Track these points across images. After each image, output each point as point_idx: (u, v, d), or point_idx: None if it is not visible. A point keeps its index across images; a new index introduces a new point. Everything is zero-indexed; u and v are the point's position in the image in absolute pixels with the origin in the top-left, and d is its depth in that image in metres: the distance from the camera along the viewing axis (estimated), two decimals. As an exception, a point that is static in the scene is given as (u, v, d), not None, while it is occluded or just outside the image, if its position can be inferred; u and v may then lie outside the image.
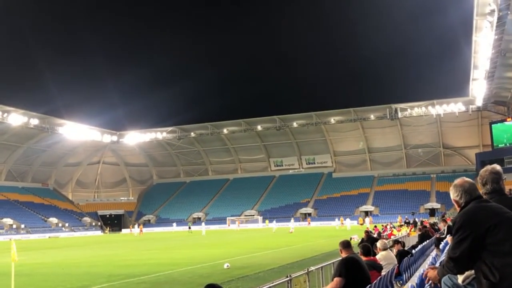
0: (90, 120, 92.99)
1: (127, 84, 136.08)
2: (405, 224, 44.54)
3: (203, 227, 64.44)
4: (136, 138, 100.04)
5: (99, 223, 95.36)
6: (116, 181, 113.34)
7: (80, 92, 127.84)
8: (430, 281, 4.35)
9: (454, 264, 3.71)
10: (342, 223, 66.23)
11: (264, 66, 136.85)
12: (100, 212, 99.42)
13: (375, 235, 23.86)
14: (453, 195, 4.01)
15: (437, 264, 5.35)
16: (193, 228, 76.11)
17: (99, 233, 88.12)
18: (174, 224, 78.22)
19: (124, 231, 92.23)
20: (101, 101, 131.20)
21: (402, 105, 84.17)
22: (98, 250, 38.81)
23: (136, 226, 70.92)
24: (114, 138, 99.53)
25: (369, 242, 12.15)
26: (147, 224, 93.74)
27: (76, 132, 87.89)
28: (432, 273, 4.20)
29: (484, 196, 4.04)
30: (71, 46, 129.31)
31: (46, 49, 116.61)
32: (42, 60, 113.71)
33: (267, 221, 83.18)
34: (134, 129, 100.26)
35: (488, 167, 4.18)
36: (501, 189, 4.08)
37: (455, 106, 78.51)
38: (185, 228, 78.87)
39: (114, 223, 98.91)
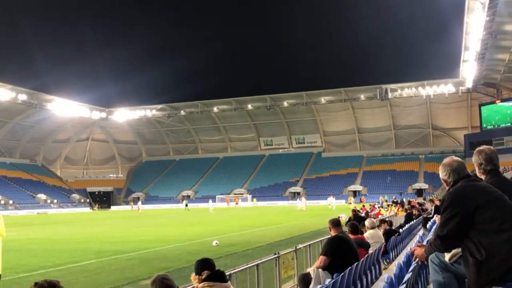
0: (78, 97, 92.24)
1: (117, 61, 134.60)
2: (393, 204, 44.99)
3: (210, 205, 64.42)
4: (125, 115, 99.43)
5: (88, 200, 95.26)
6: (105, 158, 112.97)
7: (69, 68, 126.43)
8: (417, 259, 4.39)
9: (442, 242, 3.74)
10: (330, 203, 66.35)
11: (255, 45, 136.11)
12: (89, 189, 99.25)
13: (362, 215, 24.09)
14: (441, 174, 4.02)
15: (424, 243, 5.40)
16: (202, 206, 76.03)
17: (87, 209, 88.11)
18: (185, 201, 77.82)
19: (113, 207, 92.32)
20: (90, 77, 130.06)
21: (393, 86, 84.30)
22: (87, 226, 38.83)
23: (139, 202, 70.80)
24: (103, 115, 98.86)
25: (356, 221, 12.25)
26: (136, 201, 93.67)
27: (65, 108, 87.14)
28: (419, 251, 4.24)
29: (482, 175, 4.09)
30: (61, 21, 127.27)
31: (35, 24, 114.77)
32: (31, 35, 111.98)
33: (255, 199, 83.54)
34: (123, 106, 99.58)
35: (488, 146, 4.23)
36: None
37: (445, 87, 78.83)
38: (204, 205, 79.21)
39: (103, 200, 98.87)
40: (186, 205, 72.61)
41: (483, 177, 4.10)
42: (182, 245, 22.19)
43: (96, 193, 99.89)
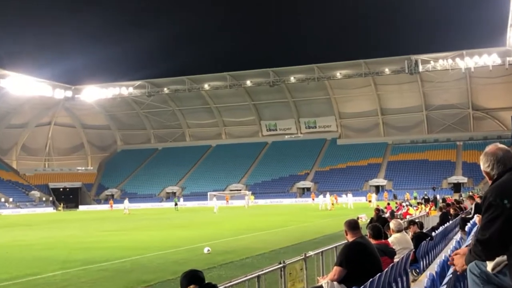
0: (38, 72, 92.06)
1: (85, 27, 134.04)
2: (424, 202, 45.12)
3: (215, 203, 64.74)
4: (95, 94, 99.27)
5: (50, 198, 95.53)
6: (72, 147, 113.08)
7: (26, 38, 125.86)
8: (455, 269, 4.39)
9: (483, 248, 3.74)
10: (336, 200, 65.55)
11: (256, 9, 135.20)
12: (51, 185, 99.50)
13: (387, 215, 24.16)
14: (483, 165, 4.00)
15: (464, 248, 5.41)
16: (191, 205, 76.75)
17: (51, 210, 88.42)
18: (175, 200, 77.87)
19: (82, 207, 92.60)
20: (52, 48, 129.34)
21: (424, 57, 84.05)
22: (50, 230, 39.01)
23: (126, 200, 70.86)
24: (68, 93, 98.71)
25: (379, 223, 12.28)
26: (121, 200, 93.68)
27: (21, 86, 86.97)
28: (459, 260, 4.23)
29: None
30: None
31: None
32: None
33: (252, 197, 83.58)
34: (92, 83, 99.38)
35: None
36: None
37: (488, 58, 78.54)
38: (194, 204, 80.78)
39: (69, 198, 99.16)
40: (176, 204, 73.00)
41: None
42: (166, 252, 22.30)
43: (61, 189, 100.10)
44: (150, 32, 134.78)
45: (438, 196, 53.74)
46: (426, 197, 54.58)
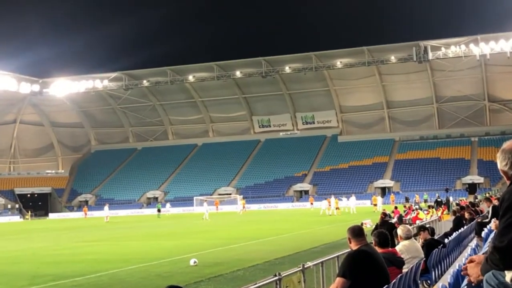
0: (1, 63, 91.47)
1: (55, 13, 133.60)
2: (436, 205, 45.28)
3: (205, 209, 64.81)
4: (66, 87, 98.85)
5: (17, 206, 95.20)
6: (40, 148, 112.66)
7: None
8: (470, 280, 4.40)
9: (501, 256, 3.75)
10: (330, 205, 64.22)
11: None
12: (18, 191, 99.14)
13: (394, 220, 24.24)
14: (500, 163, 4.01)
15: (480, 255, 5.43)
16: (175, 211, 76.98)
17: (17, 219, 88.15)
18: (157, 206, 78.12)
19: (52, 215, 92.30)
20: (18, 36, 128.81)
21: (434, 43, 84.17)
22: (17, 241, 38.97)
23: (106, 207, 71.22)
24: (36, 87, 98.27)
25: (386, 229, 12.32)
26: (102, 207, 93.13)
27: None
28: (473, 269, 4.23)
29: None
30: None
31: None
32: None
33: (243, 201, 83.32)
34: (63, 75, 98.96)
35: None
36: None
37: (506, 44, 78.72)
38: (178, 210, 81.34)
39: (37, 205, 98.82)
40: (159, 211, 73.03)
41: None
42: (148, 265, 22.30)
43: (29, 195, 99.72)
44: (127, 18, 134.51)
45: (451, 199, 53.94)
46: (438, 199, 54.82)
